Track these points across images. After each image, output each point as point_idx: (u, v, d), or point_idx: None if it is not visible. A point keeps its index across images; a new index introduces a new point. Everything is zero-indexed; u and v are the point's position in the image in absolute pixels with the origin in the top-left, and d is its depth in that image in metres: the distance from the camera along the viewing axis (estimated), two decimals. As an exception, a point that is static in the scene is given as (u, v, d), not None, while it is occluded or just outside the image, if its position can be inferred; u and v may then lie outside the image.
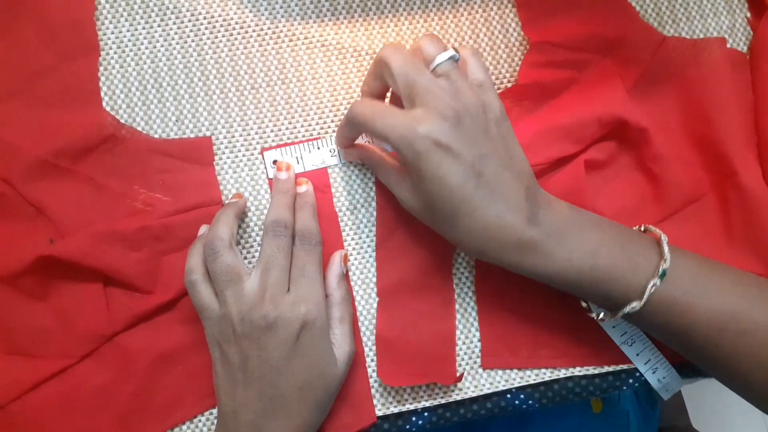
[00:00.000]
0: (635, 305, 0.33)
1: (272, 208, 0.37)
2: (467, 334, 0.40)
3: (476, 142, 0.32)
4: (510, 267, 0.34)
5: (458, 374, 0.39)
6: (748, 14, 0.43)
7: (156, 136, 0.40)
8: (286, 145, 0.40)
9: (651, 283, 0.33)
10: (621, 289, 0.33)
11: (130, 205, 0.39)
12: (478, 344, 0.40)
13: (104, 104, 0.40)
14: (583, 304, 0.38)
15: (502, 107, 0.35)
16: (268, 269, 0.35)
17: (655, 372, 0.39)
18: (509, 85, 0.42)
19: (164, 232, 0.38)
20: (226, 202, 0.39)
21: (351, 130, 0.37)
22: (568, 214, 0.34)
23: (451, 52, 0.34)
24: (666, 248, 0.34)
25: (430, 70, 0.34)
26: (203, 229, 0.38)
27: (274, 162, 0.40)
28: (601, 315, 0.36)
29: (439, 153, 0.32)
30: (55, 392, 0.38)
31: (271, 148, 0.40)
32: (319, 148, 0.40)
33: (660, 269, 0.33)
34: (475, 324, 0.40)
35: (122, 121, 0.40)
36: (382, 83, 0.36)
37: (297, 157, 0.40)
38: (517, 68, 0.42)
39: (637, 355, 0.39)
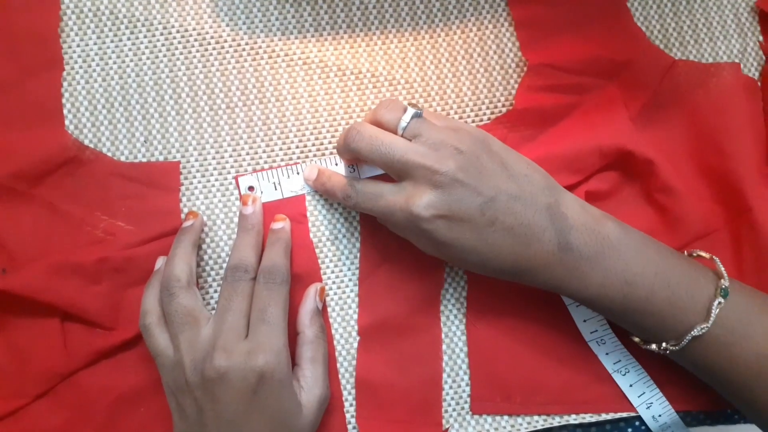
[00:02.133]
0: (700, 328, 0.32)
1: (234, 250, 0.35)
2: (454, 377, 0.37)
3: (476, 192, 0.31)
4: (547, 289, 0.33)
5: (444, 427, 0.36)
6: (761, 38, 0.41)
7: (122, 157, 0.37)
8: (262, 170, 0.38)
9: (716, 302, 0.32)
10: (661, 321, 0.32)
11: (90, 233, 0.36)
12: (467, 388, 0.37)
13: (68, 123, 0.37)
14: (635, 339, 0.35)
15: (482, 133, 0.34)
16: (222, 314, 0.33)
17: (649, 408, 0.37)
18: (504, 110, 0.39)
19: (126, 263, 0.36)
20: (183, 225, 0.36)
21: (347, 202, 0.35)
22: (609, 233, 0.33)
23: (411, 111, 0.33)
24: (722, 268, 0.33)
25: (398, 134, 0.33)
26: (160, 262, 0.36)
27: (251, 188, 0.37)
28: (666, 345, 0.33)
29: (443, 222, 0.31)
30: None
31: (246, 174, 0.37)
32: (298, 173, 0.38)
33: (721, 287, 0.32)
34: (464, 366, 0.37)
35: (87, 141, 0.37)
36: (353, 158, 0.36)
37: (274, 183, 0.37)
38: (513, 91, 0.39)
39: (631, 386, 0.37)
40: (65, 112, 0.37)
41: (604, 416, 0.37)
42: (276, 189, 0.37)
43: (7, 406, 0.35)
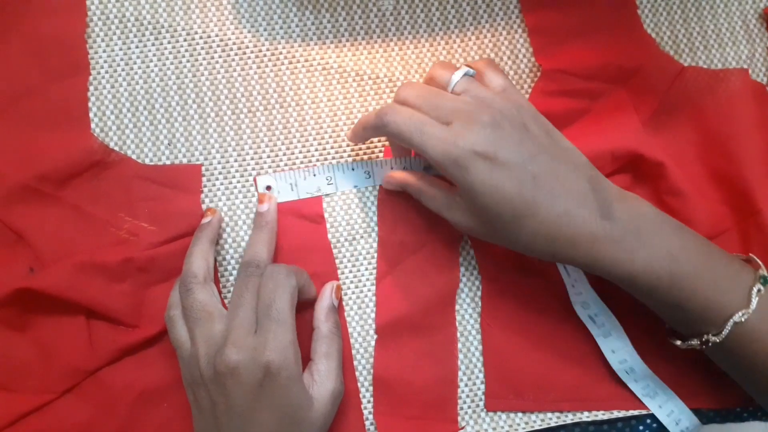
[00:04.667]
0: (742, 314, 0.31)
1: (248, 246, 0.36)
2: (470, 375, 0.38)
3: (521, 143, 0.31)
4: (586, 267, 0.32)
5: (460, 425, 0.37)
6: (769, 44, 0.41)
7: (147, 159, 0.38)
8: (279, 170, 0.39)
9: (756, 289, 0.31)
10: (705, 301, 0.32)
11: (115, 234, 0.37)
12: (481, 386, 0.38)
13: (94, 126, 0.38)
14: (677, 342, 0.35)
15: (532, 106, 0.34)
16: (235, 309, 0.33)
17: (662, 407, 0.37)
18: (518, 113, 0.40)
19: (149, 263, 0.37)
20: (201, 222, 0.37)
21: (374, 133, 0.35)
22: (647, 211, 0.33)
23: (464, 70, 0.34)
24: (759, 262, 0.33)
25: (448, 91, 0.34)
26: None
27: (268, 187, 0.38)
28: (707, 337, 0.32)
29: (486, 163, 0.31)
30: (34, 429, 0.36)
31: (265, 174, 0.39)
32: (315, 175, 0.38)
33: (761, 276, 0.32)
34: (479, 364, 0.38)
35: (112, 144, 0.38)
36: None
37: (291, 184, 0.38)
38: (527, 96, 0.40)
39: (660, 407, 0.38)
40: (91, 115, 0.38)
41: (615, 414, 0.37)
42: (292, 190, 0.38)
43: (33, 402, 0.36)
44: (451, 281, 0.38)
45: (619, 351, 0.37)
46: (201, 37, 0.39)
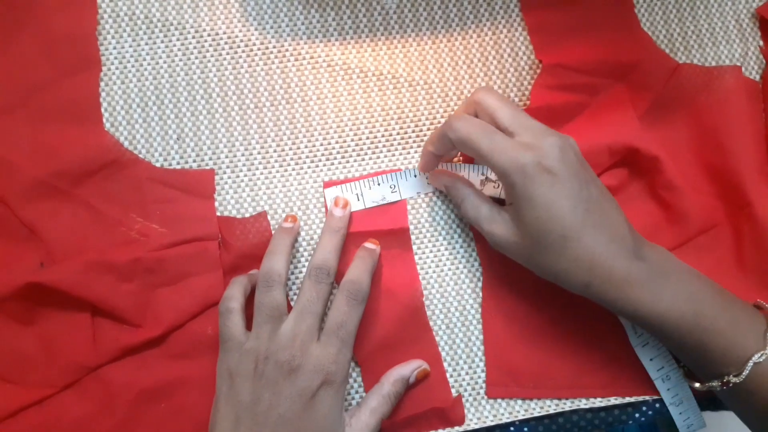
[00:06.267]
0: (760, 355, 0.32)
1: (319, 249, 0.36)
2: (470, 363, 0.39)
3: (578, 171, 0.33)
4: (614, 306, 0.33)
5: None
6: (761, 43, 0.43)
7: (156, 154, 0.39)
8: (346, 181, 0.39)
9: None
10: (726, 341, 0.32)
11: (126, 233, 0.38)
12: (482, 374, 0.39)
13: (104, 120, 0.39)
14: (696, 385, 0.36)
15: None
16: (303, 314, 0.34)
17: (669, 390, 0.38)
18: (518, 109, 0.41)
19: (157, 264, 0.37)
20: (282, 225, 0.38)
21: (443, 146, 0.35)
22: (669, 256, 0.34)
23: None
24: None
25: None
26: (254, 271, 0.38)
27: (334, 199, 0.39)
28: (728, 378, 0.33)
29: (549, 178, 0.32)
30: (33, 422, 0.36)
31: (332, 183, 0.39)
32: (379, 184, 0.39)
33: None
34: (479, 353, 0.39)
35: (122, 139, 0.39)
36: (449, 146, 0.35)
37: (357, 194, 0.39)
38: (527, 92, 0.41)
39: (668, 390, 0.38)
40: (102, 110, 0.39)
41: (613, 401, 0.38)
42: (359, 200, 0.39)
43: (35, 395, 0.36)
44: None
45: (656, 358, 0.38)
46: (209, 35, 0.40)
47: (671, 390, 0.38)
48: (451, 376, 0.39)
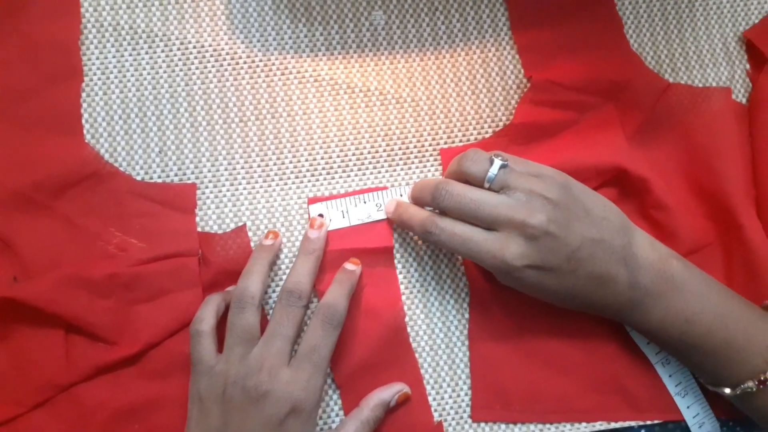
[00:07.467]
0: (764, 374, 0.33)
1: (292, 272, 0.35)
2: (453, 386, 0.38)
3: (564, 243, 0.33)
4: (611, 318, 0.36)
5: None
6: (748, 66, 0.43)
7: (137, 167, 0.38)
8: (331, 197, 0.39)
9: None
10: (720, 359, 0.34)
11: (103, 248, 0.37)
12: (465, 397, 0.38)
13: (85, 132, 0.38)
14: (710, 387, 0.37)
15: (563, 176, 0.35)
16: (272, 338, 0.33)
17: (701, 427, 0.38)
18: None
19: (135, 280, 0.36)
20: (262, 242, 0.37)
21: (427, 237, 0.35)
22: (674, 272, 0.34)
23: (498, 163, 0.34)
24: None
25: (485, 186, 0.34)
26: (232, 287, 0.37)
27: (320, 215, 0.38)
28: (744, 386, 0.34)
29: (533, 271, 0.33)
30: None
31: (317, 199, 0.39)
32: (365, 202, 0.39)
33: None
34: (463, 375, 0.38)
35: (103, 150, 0.38)
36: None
37: (342, 211, 0.38)
38: (514, 111, 0.41)
39: (688, 407, 0.38)
40: (83, 122, 0.38)
41: (598, 426, 0.38)
42: (344, 217, 0.38)
43: (4, 413, 0.35)
44: (397, 313, 0.38)
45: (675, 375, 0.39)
46: (194, 47, 0.40)
47: (691, 408, 0.38)
48: (434, 399, 0.38)
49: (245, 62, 0.40)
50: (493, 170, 0.33)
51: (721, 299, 0.35)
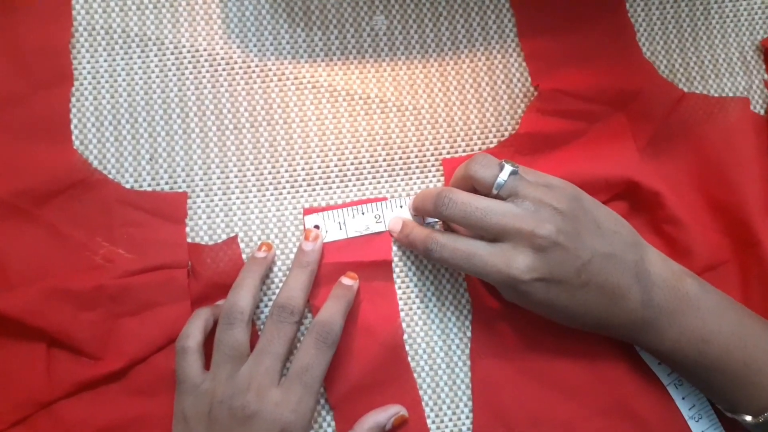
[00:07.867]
0: None
1: (285, 287, 0.34)
2: (454, 408, 0.36)
3: (575, 255, 0.31)
4: (624, 340, 0.35)
5: None
6: (766, 76, 0.41)
7: (127, 174, 0.37)
8: (328, 208, 0.37)
9: None
10: (738, 381, 0.32)
11: (90, 258, 0.35)
12: (467, 420, 0.36)
13: (74, 138, 0.37)
14: (728, 415, 0.34)
15: (574, 188, 0.33)
16: (262, 355, 0.32)
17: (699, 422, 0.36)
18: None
19: (121, 293, 0.35)
20: (255, 254, 0.35)
21: (429, 255, 0.34)
22: (688, 290, 0.33)
23: (509, 169, 0.32)
24: None
25: (492, 193, 0.32)
26: (222, 302, 0.35)
27: (316, 227, 0.37)
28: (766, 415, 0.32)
29: (542, 284, 0.31)
30: None
31: (312, 210, 0.37)
32: (363, 213, 0.37)
33: None
34: (464, 397, 0.36)
35: (92, 157, 0.37)
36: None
37: (339, 223, 0.37)
38: (520, 120, 0.39)
39: None
40: (72, 128, 0.37)
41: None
42: (341, 229, 0.37)
43: None
44: (396, 330, 0.36)
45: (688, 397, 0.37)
46: (189, 51, 0.38)
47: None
48: (433, 422, 0.36)
49: (240, 67, 0.38)
50: (503, 176, 0.32)
51: (739, 318, 0.33)
